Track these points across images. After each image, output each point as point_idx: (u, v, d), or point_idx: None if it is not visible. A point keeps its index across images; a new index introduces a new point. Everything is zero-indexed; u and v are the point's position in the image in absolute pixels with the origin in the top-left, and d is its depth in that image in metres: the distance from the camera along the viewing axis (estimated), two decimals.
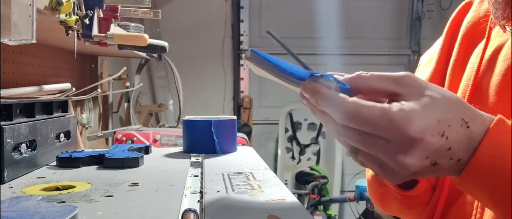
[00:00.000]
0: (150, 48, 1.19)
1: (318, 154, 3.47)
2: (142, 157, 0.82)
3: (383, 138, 0.43)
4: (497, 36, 0.61)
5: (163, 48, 1.21)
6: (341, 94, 0.45)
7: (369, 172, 0.72)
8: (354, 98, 0.44)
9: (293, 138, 3.47)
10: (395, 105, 0.43)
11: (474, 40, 0.65)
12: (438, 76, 0.68)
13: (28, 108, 0.80)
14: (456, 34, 0.68)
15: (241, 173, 0.74)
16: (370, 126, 0.43)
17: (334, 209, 3.14)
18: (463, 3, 0.71)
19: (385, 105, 0.43)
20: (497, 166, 0.44)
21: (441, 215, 0.62)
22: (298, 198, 2.03)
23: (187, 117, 1.01)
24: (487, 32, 0.62)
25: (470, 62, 0.64)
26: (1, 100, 0.72)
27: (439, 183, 0.64)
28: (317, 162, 3.46)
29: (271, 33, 0.48)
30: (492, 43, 0.61)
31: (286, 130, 3.43)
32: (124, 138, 1.47)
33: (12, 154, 0.70)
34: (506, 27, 0.58)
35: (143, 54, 1.71)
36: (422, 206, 0.66)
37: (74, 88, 1.37)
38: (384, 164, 0.44)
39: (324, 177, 3.10)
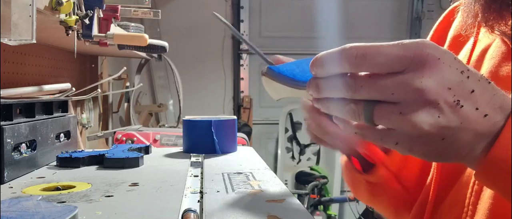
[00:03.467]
0: (150, 48, 1.19)
1: (318, 154, 3.47)
2: (142, 157, 0.82)
3: (397, 73, 0.39)
4: (484, 37, 0.61)
5: (163, 48, 1.21)
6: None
7: (343, 157, 0.71)
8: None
9: (293, 138, 3.47)
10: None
11: (462, 43, 0.65)
12: None
13: (28, 109, 0.80)
14: (444, 39, 0.68)
15: (241, 173, 0.74)
16: (384, 58, 0.40)
17: (334, 209, 3.14)
18: (450, 7, 0.71)
19: None
20: None
21: (431, 215, 0.62)
22: (298, 198, 2.03)
23: (187, 117, 1.00)
24: (475, 33, 0.62)
25: None
26: (1, 100, 0.72)
27: (426, 183, 0.64)
28: (317, 162, 3.46)
29: (217, 16, 0.46)
30: (480, 44, 0.61)
31: (286, 130, 3.43)
32: (124, 138, 1.47)
33: (12, 154, 0.70)
34: (495, 27, 0.58)
35: (143, 54, 1.71)
36: (387, 196, 0.67)
37: (74, 88, 1.37)
38: (404, 106, 0.39)
39: (324, 177, 3.10)
